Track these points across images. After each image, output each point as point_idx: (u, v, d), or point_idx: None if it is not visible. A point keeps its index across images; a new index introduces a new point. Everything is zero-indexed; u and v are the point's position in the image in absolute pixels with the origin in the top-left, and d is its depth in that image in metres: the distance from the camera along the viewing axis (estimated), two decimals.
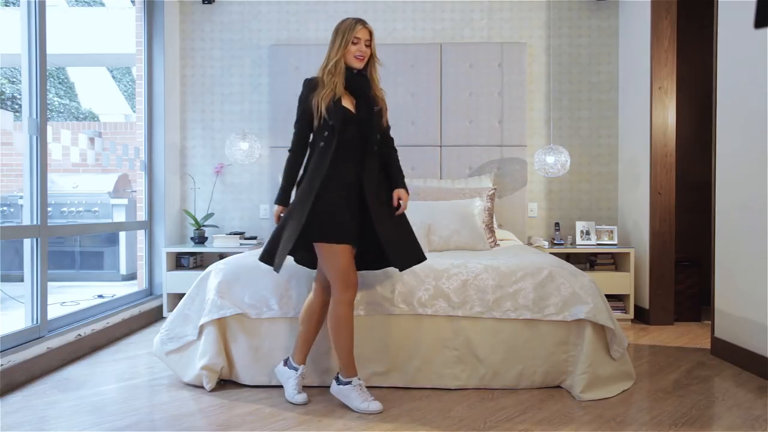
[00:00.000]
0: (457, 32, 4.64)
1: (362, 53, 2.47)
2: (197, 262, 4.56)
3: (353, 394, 2.40)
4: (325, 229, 2.38)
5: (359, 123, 2.47)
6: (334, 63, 2.46)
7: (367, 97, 2.49)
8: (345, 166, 2.45)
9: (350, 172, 2.45)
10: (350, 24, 2.48)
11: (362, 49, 2.47)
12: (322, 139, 2.45)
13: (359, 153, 2.48)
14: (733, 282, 3.14)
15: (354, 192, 2.45)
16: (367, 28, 2.50)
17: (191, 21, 4.69)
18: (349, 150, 2.46)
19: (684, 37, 4.45)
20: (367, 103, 2.49)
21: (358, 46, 2.46)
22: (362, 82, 2.50)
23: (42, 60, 3.01)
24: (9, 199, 6.21)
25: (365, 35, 2.48)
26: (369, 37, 2.50)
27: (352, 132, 2.46)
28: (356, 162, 2.47)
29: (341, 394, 2.45)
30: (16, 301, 4.51)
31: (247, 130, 4.51)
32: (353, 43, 2.46)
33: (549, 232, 4.62)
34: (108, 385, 2.75)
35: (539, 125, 4.64)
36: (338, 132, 2.42)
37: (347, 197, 2.44)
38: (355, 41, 2.46)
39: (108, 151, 4.02)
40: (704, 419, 2.33)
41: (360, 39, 2.46)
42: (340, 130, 2.43)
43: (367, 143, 2.48)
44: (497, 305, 2.67)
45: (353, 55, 2.46)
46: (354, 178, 2.46)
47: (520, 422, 2.29)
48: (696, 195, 4.58)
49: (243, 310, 2.70)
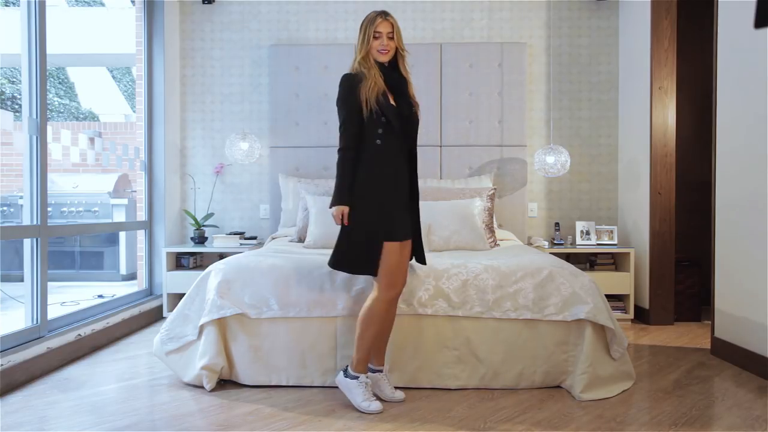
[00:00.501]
0: (457, 32, 4.64)
1: (385, 47, 2.45)
2: (197, 262, 4.56)
3: (357, 390, 2.40)
4: (388, 228, 2.40)
5: (402, 119, 2.48)
6: (362, 58, 2.46)
7: (405, 95, 2.50)
8: (399, 163, 2.47)
9: (403, 169, 2.49)
10: (371, 18, 2.46)
11: (384, 43, 2.45)
12: (377, 137, 2.43)
13: (407, 149, 2.51)
14: (733, 282, 3.14)
15: (406, 188, 2.50)
16: (388, 20, 2.46)
17: (191, 21, 4.69)
18: (401, 147, 2.48)
19: (684, 37, 4.45)
20: (406, 101, 2.50)
21: (380, 40, 2.44)
22: (401, 81, 2.51)
23: (42, 60, 3.01)
24: (9, 199, 6.21)
25: (387, 28, 2.45)
26: (391, 29, 2.46)
27: (399, 129, 2.47)
28: (405, 159, 2.50)
29: (345, 386, 2.44)
30: (16, 301, 4.51)
31: (247, 130, 4.51)
32: (375, 37, 2.44)
33: (549, 232, 4.62)
34: (108, 385, 2.75)
35: (539, 125, 4.64)
36: (396, 129, 2.43)
37: (404, 195, 2.48)
38: (377, 35, 2.44)
39: (108, 151, 4.02)
40: (704, 419, 2.33)
41: (382, 33, 2.44)
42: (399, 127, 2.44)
43: (412, 140, 2.53)
44: (497, 305, 2.67)
45: (377, 49, 2.45)
46: (404, 174, 2.50)
47: (520, 422, 2.29)
48: (696, 195, 4.57)
49: (243, 310, 2.70)
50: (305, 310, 2.70)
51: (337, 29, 4.65)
